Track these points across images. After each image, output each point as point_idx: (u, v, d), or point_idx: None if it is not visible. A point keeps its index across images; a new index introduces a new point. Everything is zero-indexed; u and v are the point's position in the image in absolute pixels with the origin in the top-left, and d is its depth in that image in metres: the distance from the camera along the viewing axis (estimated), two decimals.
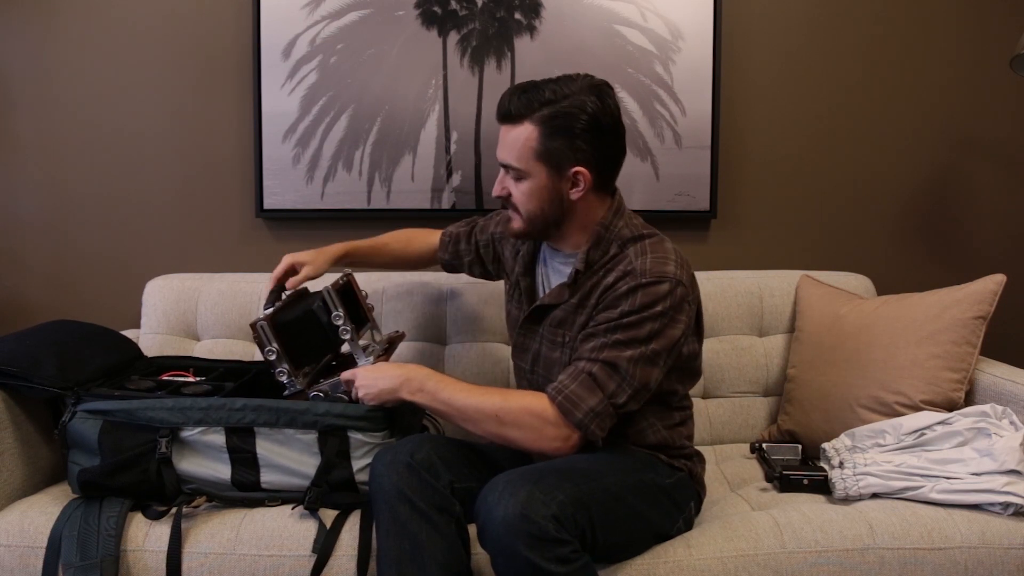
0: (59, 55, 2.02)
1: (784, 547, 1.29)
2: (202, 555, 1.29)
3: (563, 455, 1.26)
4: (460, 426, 1.31)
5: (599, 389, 1.24)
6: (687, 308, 1.29)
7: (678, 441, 1.41)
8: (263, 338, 1.36)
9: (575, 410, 1.23)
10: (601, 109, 1.28)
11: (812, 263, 2.11)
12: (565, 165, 1.29)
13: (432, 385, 1.30)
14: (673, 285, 1.26)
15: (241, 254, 2.08)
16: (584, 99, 1.27)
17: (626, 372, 1.24)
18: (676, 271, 1.27)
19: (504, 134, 1.31)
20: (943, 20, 2.11)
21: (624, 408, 1.26)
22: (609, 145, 1.31)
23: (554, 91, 1.27)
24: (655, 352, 1.25)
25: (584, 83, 1.29)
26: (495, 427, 1.26)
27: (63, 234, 2.07)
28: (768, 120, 2.11)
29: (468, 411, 1.28)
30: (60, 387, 1.39)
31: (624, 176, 2.02)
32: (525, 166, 1.29)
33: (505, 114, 1.31)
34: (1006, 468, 1.35)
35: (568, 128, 1.27)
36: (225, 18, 2.03)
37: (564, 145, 1.27)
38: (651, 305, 1.24)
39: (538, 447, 1.26)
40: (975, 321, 1.58)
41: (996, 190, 2.15)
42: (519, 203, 1.33)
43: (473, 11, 2.01)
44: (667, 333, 1.26)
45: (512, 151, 1.30)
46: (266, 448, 1.37)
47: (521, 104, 1.28)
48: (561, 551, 1.09)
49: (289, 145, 2.02)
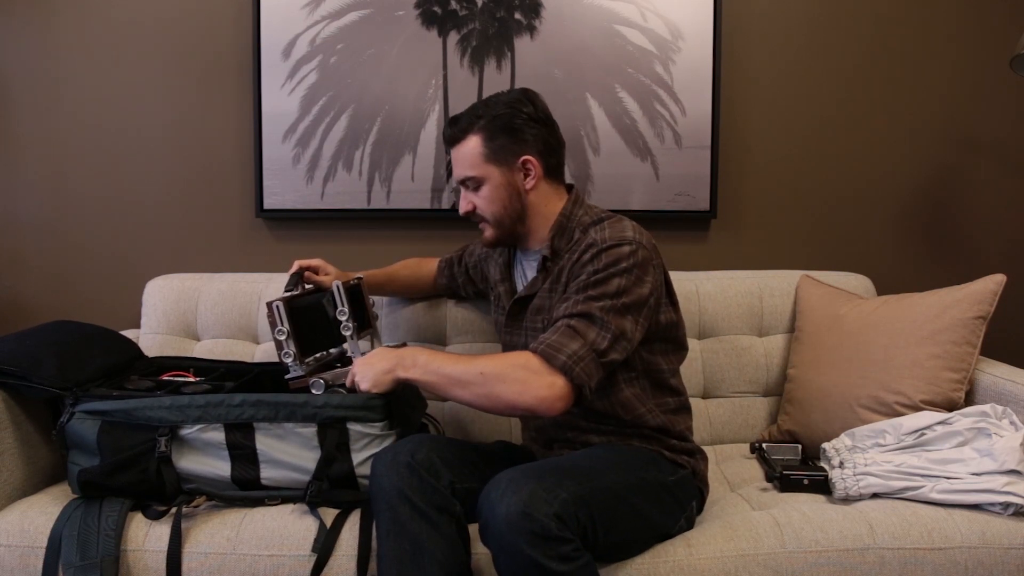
0: (59, 55, 2.02)
1: (784, 547, 1.30)
2: (202, 555, 1.29)
3: (552, 409, 1.24)
4: (453, 395, 1.31)
5: (579, 336, 1.26)
6: (652, 270, 1.34)
7: (677, 427, 1.42)
8: (276, 318, 1.39)
9: (558, 354, 1.24)
10: (531, 106, 1.41)
11: (812, 263, 2.11)
12: (512, 158, 1.40)
13: (423, 359, 1.32)
14: (634, 247, 1.32)
15: (241, 254, 2.08)
16: (515, 100, 1.40)
17: (601, 320, 1.27)
18: (635, 236, 1.34)
19: (453, 155, 1.44)
20: (943, 20, 2.11)
21: (607, 356, 1.26)
22: (549, 134, 1.43)
23: (486, 104, 1.42)
24: (625, 305, 1.29)
25: (512, 92, 1.43)
26: (482, 387, 1.26)
27: (63, 234, 2.07)
28: (768, 120, 2.11)
29: (456, 375, 1.29)
30: (60, 387, 1.39)
31: (624, 176, 2.05)
32: (478, 172, 1.41)
33: (450, 138, 1.44)
34: (1006, 468, 1.35)
35: (507, 126, 1.39)
36: (225, 18, 2.03)
37: (507, 140, 1.39)
38: (615, 263, 1.30)
39: (525, 400, 1.24)
40: (975, 321, 1.58)
41: (996, 190, 2.15)
42: (484, 211, 1.44)
43: (473, 11, 2.01)
44: (635, 290, 1.30)
45: (463, 164, 1.42)
46: (266, 443, 1.37)
47: (460, 124, 1.42)
48: (563, 549, 1.10)
49: (289, 145, 2.02)
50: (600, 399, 1.38)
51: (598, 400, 1.38)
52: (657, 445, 1.40)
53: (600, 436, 1.41)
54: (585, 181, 2.03)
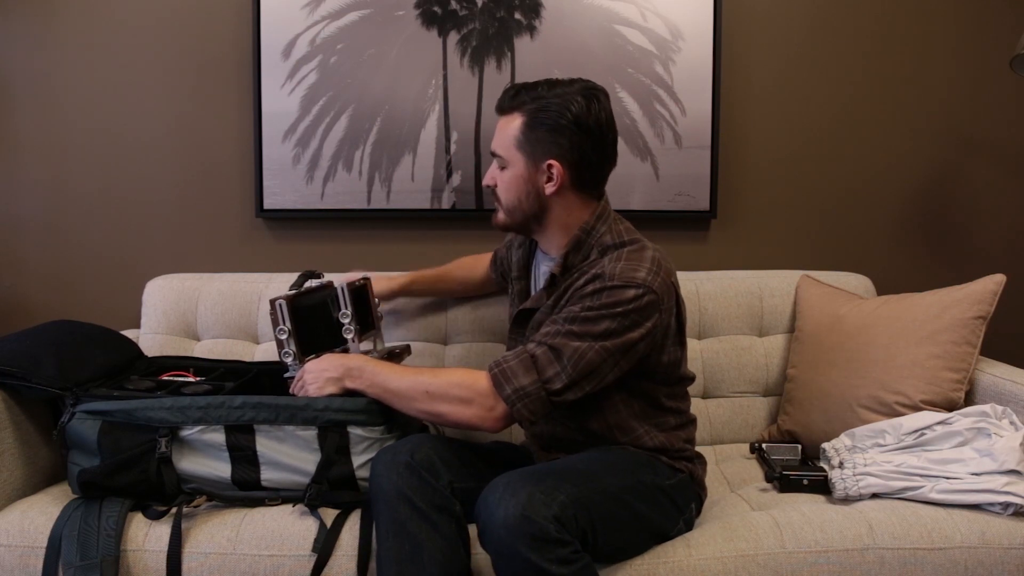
0: (59, 55, 2.02)
1: (784, 547, 1.30)
2: (202, 555, 1.29)
3: (492, 428, 1.26)
4: (399, 408, 1.31)
5: (535, 371, 1.24)
6: (655, 316, 1.27)
7: (677, 444, 1.40)
8: (279, 316, 1.40)
9: (506, 384, 1.23)
10: (586, 110, 1.31)
11: (812, 263, 2.11)
12: (540, 157, 1.33)
13: (369, 370, 1.32)
14: (641, 291, 1.25)
15: (241, 254, 2.08)
16: (572, 98, 1.31)
17: (568, 360, 1.23)
18: (648, 278, 1.26)
19: (498, 125, 1.38)
20: (943, 20, 2.11)
21: (560, 396, 1.24)
22: (590, 147, 1.32)
23: (547, 89, 1.33)
24: (605, 349, 1.24)
25: (578, 86, 1.33)
26: (426, 404, 1.27)
27: (63, 234, 2.07)
28: (768, 120, 2.11)
29: (401, 391, 1.29)
30: (60, 387, 1.39)
31: (624, 176, 2.04)
32: (507, 154, 1.35)
33: (500, 106, 1.37)
34: (1006, 468, 1.35)
35: (549, 122, 1.31)
36: (225, 18, 2.03)
37: (543, 137, 1.32)
38: (613, 306, 1.24)
39: (465, 418, 1.26)
40: (975, 321, 1.58)
41: (996, 190, 2.15)
42: (501, 193, 1.39)
43: (473, 11, 2.01)
44: (624, 335, 1.25)
45: (500, 140, 1.36)
46: (266, 445, 1.37)
47: (515, 96, 1.34)
48: (562, 552, 1.09)
49: (289, 145, 2.02)
50: (596, 420, 1.37)
51: (594, 421, 1.37)
52: (656, 452, 1.38)
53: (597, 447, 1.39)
54: None
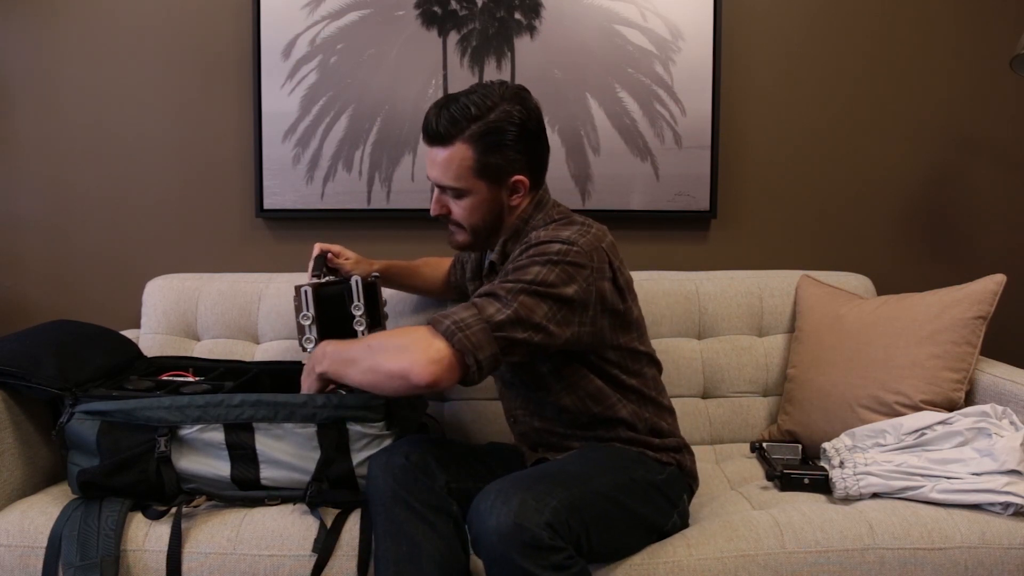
0: (59, 55, 2.02)
1: (784, 547, 1.29)
2: (202, 555, 1.29)
3: (435, 376, 1.16)
4: (349, 379, 1.27)
5: (475, 308, 1.20)
6: (586, 274, 1.25)
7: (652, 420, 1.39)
8: (303, 302, 1.44)
9: (444, 319, 1.18)
10: (526, 116, 1.31)
11: (812, 263, 2.11)
12: (505, 177, 1.33)
13: (331, 349, 1.32)
14: (565, 246, 1.25)
15: (241, 254, 2.08)
16: (509, 109, 1.30)
17: (504, 299, 1.20)
18: (572, 236, 1.27)
19: (434, 155, 1.32)
20: (943, 20, 2.11)
21: (502, 331, 1.17)
22: (539, 148, 1.36)
23: (478, 104, 1.29)
24: (538, 293, 1.21)
25: (504, 92, 1.31)
26: (368, 360, 1.23)
27: (63, 234, 2.07)
28: (768, 120, 2.11)
29: (350, 356, 1.27)
30: (60, 387, 1.39)
31: (624, 176, 2.05)
32: (465, 184, 1.32)
33: (434, 135, 1.31)
34: (1006, 468, 1.35)
35: (500, 142, 1.30)
36: (225, 18, 2.03)
37: (501, 158, 1.31)
38: (539, 255, 1.25)
39: (403, 366, 1.17)
40: (975, 321, 1.58)
41: (996, 190, 2.15)
42: (461, 219, 1.37)
43: (473, 11, 2.01)
44: (557, 287, 1.22)
45: (448, 172, 1.32)
46: (265, 444, 1.37)
47: (449, 124, 1.29)
48: (556, 558, 1.09)
49: (289, 145, 2.02)
50: (569, 394, 1.36)
51: (566, 396, 1.36)
52: (640, 446, 1.38)
53: (580, 441, 1.39)
54: (585, 181, 2.03)
